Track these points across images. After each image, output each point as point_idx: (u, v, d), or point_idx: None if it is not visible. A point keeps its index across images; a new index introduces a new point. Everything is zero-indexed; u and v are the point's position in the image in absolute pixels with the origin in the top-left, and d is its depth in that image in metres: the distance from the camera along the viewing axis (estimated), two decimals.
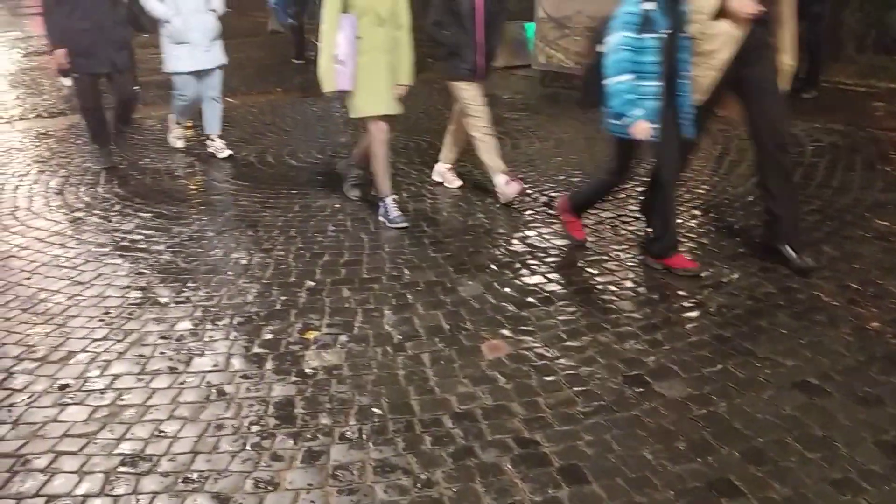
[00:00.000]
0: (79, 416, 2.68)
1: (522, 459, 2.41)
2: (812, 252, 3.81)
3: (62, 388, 2.86)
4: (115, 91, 5.69)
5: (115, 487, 2.32)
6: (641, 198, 4.17)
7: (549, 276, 3.77)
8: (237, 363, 3.03)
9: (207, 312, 3.46)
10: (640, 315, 3.34)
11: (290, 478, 2.36)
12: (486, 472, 2.36)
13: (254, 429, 2.60)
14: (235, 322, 3.37)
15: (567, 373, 2.89)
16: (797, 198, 4.04)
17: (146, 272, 3.93)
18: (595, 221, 4.45)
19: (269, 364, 3.02)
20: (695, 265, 3.74)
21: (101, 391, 2.84)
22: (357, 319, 3.37)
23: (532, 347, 3.09)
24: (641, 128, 3.40)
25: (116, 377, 2.94)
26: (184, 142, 6.33)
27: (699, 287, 3.59)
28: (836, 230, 4.23)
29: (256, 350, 3.13)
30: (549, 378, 2.86)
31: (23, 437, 2.57)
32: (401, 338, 3.20)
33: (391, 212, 4.49)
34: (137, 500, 2.27)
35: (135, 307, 3.53)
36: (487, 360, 3.00)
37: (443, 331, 3.25)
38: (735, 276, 3.68)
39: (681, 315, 3.34)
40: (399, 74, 4.47)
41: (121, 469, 2.40)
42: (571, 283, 3.69)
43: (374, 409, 2.70)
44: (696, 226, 4.40)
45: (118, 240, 4.38)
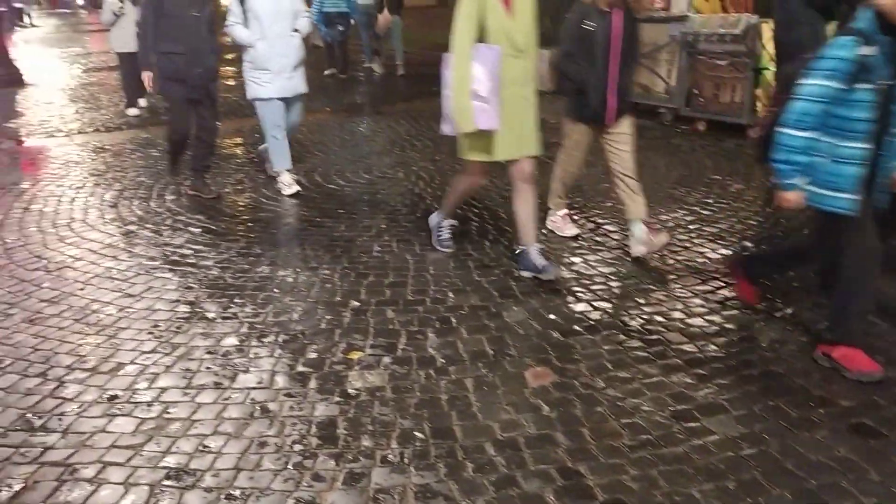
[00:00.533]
0: (126, 428, 2.72)
1: (566, 491, 2.37)
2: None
3: (111, 399, 2.91)
4: (198, 122, 5.46)
5: (160, 501, 2.34)
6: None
7: (595, 305, 3.72)
8: (281, 381, 3.05)
9: (253, 329, 3.50)
10: (689, 348, 3.27)
11: (331, 499, 2.35)
12: (529, 503, 2.32)
13: (296, 448, 2.60)
14: (280, 340, 3.39)
15: (613, 404, 2.84)
16: None
17: (194, 287, 3.99)
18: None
19: (313, 383, 3.02)
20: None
21: (149, 404, 2.88)
22: (401, 341, 3.37)
23: (577, 376, 3.04)
24: (793, 197, 2.94)
25: (163, 390, 2.97)
26: (297, 185, 5.73)
27: (750, 321, 3.51)
28: None
29: (301, 368, 3.14)
30: (595, 408, 2.81)
31: (72, 447, 2.61)
32: (444, 361, 3.18)
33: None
34: None
35: (183, 321, 3.58)
36: (531, 388, 2.97)
37: (486, 356, 3.23)
38: (788, 311, 3.59)
39: (730, 349, 3.26)
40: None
41: (165, 483, 2.42)
42: (618, 313, 3.63)
43: (417, 433, 2.68)
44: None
45: (168, 254, 4.46)
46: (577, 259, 4.32)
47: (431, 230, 4.47)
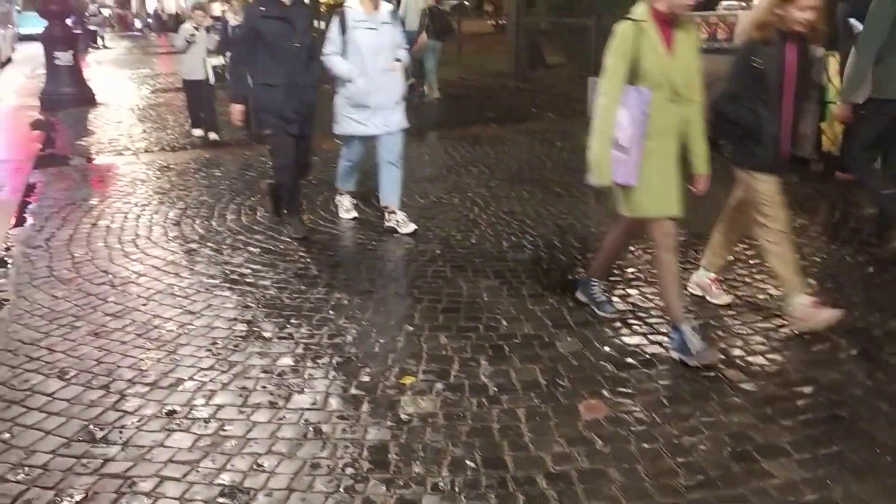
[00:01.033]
0: (183, 443, 2.77)
1: None
2: None
3: (169, 414, 2.97)
4: (296, 161, 5.21)
5: None
6: None
7: (651, 338, 3.66)
8: (335, 403, 3.07)
9: (308, 350, 3.54)
10: (749, 386, 3.18)
11: None
12: None
13: (348, 471, 2.62)
14: (335, 361, 3.42)
15: (669, 441, 2.78)
16: None
17: (252, 306, 4.06)
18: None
19: (366, 406, 3.04)
20: None
21: (206, 420, 2.93)
22: (453, 367, 3.36)
23: (631, 411, 2.99)
24: None
25: (220, 407, 3.03)
26: (356, 212, 5.69)
27: (813, 361, 3.41)
28: None
29: (354, 391, 3.16)
30: (650, 445, 2.76)
31: (131, 460, 2.67)
32: (496, 390, 3.17)
33: (694, 343, 3.34)
34: None
35: (240, 339, 3.65)
36: (584, 421, 2.93)
37: (539, 386, 3.21)
38: (853, 352, 3.48)
39: (793, 389, 3.17)
40: (694, 161, 3.52)
41: (220, 500, 2.46)
42: (670, 348, 3.56)
43: (468, 462, 2.67)
44: (811, 296, 4.20)
45: (228, 272, 4.55)
46: (633, 291, 4.26)
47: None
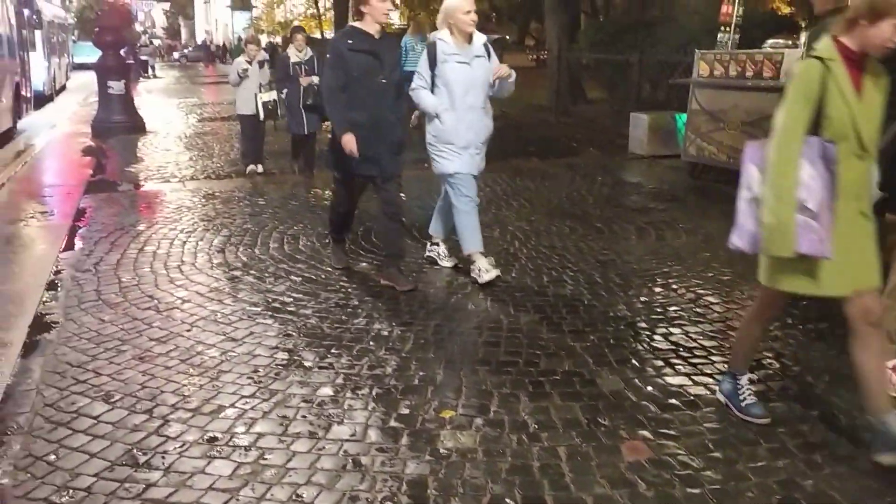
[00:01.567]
0: (224, 471, 2.79)
1: None
2: None
3: (210, 441, 2.99)
4: (383, 198, 4.84)
5: None
6: None
7: (695, 378, 3.60)
8: (374, 435, 3.06)
9: (349, 380, 3.55)
10: (796, 431, 3.10)
11: None
12: None
13: None
14: (374, 393, 3.42)
15: (714, 487, 2.71)
16: None
17: (293, 334, 4.09)
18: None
19: (405, 440, 3.03)
20: None
21: (246, 448, 2.94)
22: (493, 403, 3.34)
23: (675, 454, 2.93)
24: None
25: (260, 436, 3.04)
26: (496, 270, 4.93)
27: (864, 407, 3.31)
28: None
29: (393, 424, 3.16)
30: (694, 490, 2.69)
31: (172, 486, 2.69)
32: (536, 427, 3.13)
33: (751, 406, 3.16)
34: None
35: (281, 368, 3.67)
36: (627, 462, 2.88)
37: (580, 424, 3.16)
38: None
39: (842, 436, 3.08)
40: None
41: None
42: (713, 389, 3.49)
43: (508, 500, 2.63)
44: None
45: (270, 300, 4.60)
46: (676, 330, 4.20)
47: (728, 399, 3.27)
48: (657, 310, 4.52)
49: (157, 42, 50.35)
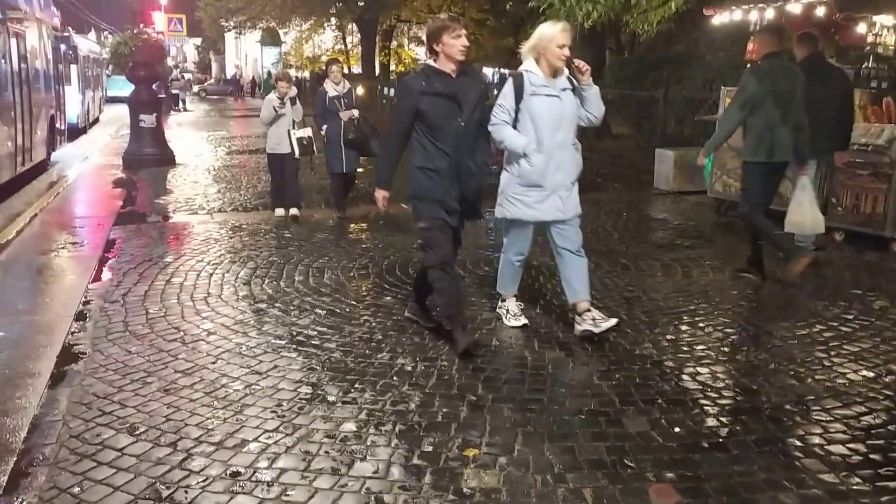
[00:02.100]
0: None
1: None
2: None
3: (233, 476, 2.98)
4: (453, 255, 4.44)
5: None
6: None
7: (723, 420, 3.53)
8: (397, 472, 3.04)
9: (372, 416, 3.53)
10: (829, 478, 3.01)
11: None
12: None
13: None
14: (398, 429, 3.40)
15: None
16: None
17: (317, 368, 4.09)
18: (775, 366, 4.17)
19: (428, 478, 2.99)
20: None
21: (268, 484, 2.93)
22: (517, 442, 3.30)
23: (705, 499, 2.86)
24: None
25: (283, 471, 3.02)
26: (524, 318, 4.80)
27: (892, 439, 3.23)
28: None
29: (416, 461, 3.12)
30: None
31: None
32: (561, 467, 3.08)
33: None
34: None
35: (305, 402, 3.66)
36: None
37: (605, 465, 3.11)
38: None
39: (876, 484, 2.99)
40: None
41: None
42: (749, 432, 3.42)
43: None
44: None
45: (294, 334, 4.61)
46: (704, 370, 4.13)
47: None
48: (684, 349, 4.46)
49: (188, 76, 51.38)
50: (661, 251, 6.81)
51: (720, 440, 3.33)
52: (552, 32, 4.29)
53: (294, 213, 8.18)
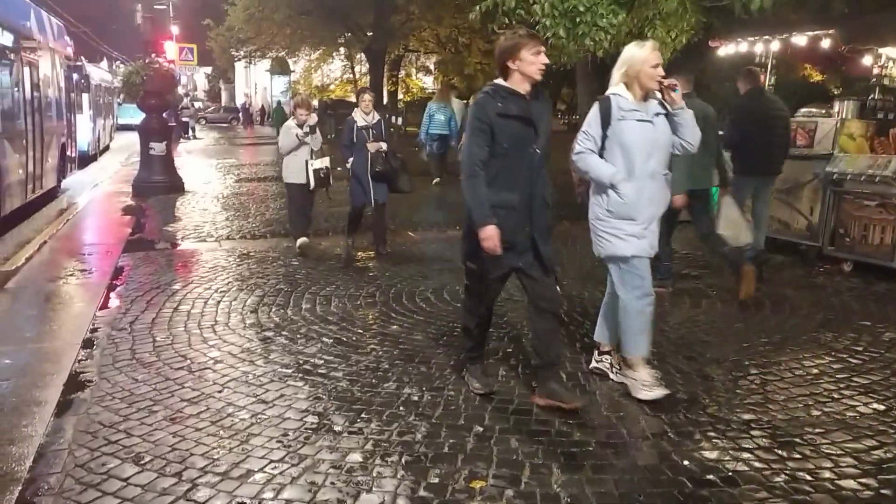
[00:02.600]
0: None
1: None
2: None
3: None
4: (533, 291, 3.92)
5: None
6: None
7: (733, 454, 3.49)
8: None
9: (378, 446, 3.51)
10: None
11: None
12: None
13: None
14: (404, 460, 3.37)
15: None
16: None
17: (324, 398, 4.07)
18: (785, 397, 4.14)
19: None
20: None
21: None
22: (524, 474, 3.27)
23: None
24: None
25: (288, 502, 3.01)
26: (663, 387, 4.11)
27: None
28: None
29: (422, 493, 3.10)
30: None
31: None
32: (569, 500, 3.05)
33: None
34: None
35: (311, 432, 3.65)
36: None
37: (614, 498, 3.08)
38: None
39: None
40: None
41: None
42: (759, 466, 3.39)
43: None
44: None
45: (301, 362, 4.60)
46: (712, 401, 4.10)
47: None
48: (692, 380, 4.43)
49: (198, 104, 51.90)
50: (673, 281, 6.78)
51: (729, 473, 3.30)
52: (644, 54, 3.92)
53: (305, 241, 7.97)
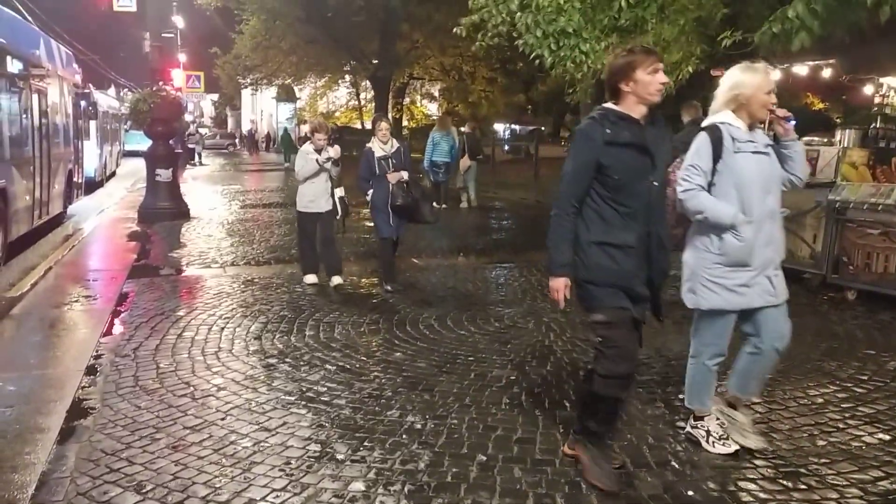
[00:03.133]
0: None
1: None
2: None
3: None
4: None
5: None
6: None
7: (738, 483, 3.47)
8: None
9: (381, 475, 3.49)
10: None
11: None
12: None
13: None
14: (406, 489, 3.36)
15: None
16: None
17: (326, 425, 4.07)
18: (790, 427, 4.12)
19: None
20: None
21: None
22: None
23: None
24: None
25: None
26: (734, 445, 3.76)
27: None
28: None
29: None
30: None
31: None
32: None
33: None
34: None
35: (313, 460, 3.63)
36: None
37: None
38: None
39: None
40: None
41: None
42: (764, 497, 3.36)
43: None
44: None
45: (304, 389, 4.60)
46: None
47: None
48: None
49: (205, 131, 52.28)
50: (673, 308, 6.76)
51: None
52: (757, 79, 3.53)
53: (338, 282, 7.43)
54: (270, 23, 25.79)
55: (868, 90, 10.26)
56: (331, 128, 7.69)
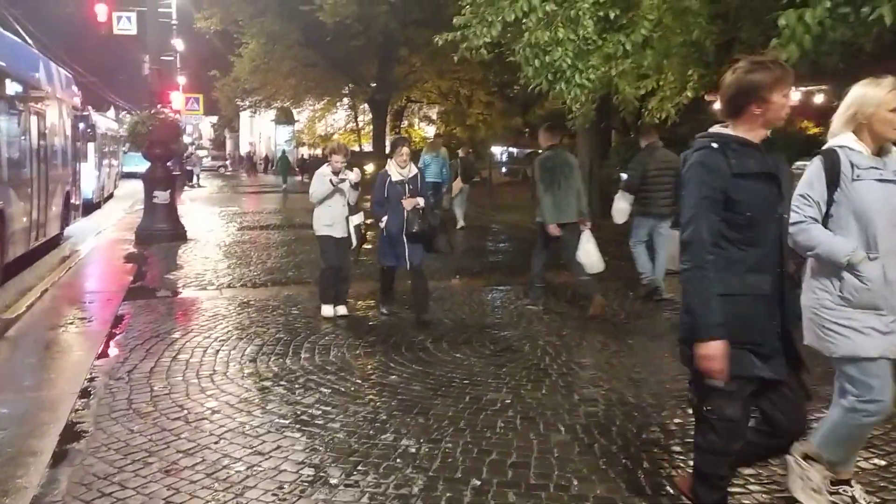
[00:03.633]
0: None
1: None
2: None
3: None
4: (772, 428, 2.97)
5: None
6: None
7: None
8: None
9: (374, 500, 3.47)
10: None
11: None
12: None
13: None
14: None
15: None
16: None
17: (320, 449, 4.05)
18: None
19: None
20: None
21: None
22: None
23: None
24: None
25: None
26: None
27: None
28: None
29: None
30: None
31: None
32: None
33: None
34: None
35: (307, 485, 3.62)
36: None
37: None
38: None
39: None
40: None
41: None
42: None
43: None
44: None
45: (298, 413, 4.59)
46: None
47: None
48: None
49: (203, 153, 52.47)
50: (669, 331, 6.79)
51: None
52: (880, 94, 3.09)
53: (342, 313, 7.18)
54: (269, 46, 26.02)
55: None
56: (349, 150, 7.35)
